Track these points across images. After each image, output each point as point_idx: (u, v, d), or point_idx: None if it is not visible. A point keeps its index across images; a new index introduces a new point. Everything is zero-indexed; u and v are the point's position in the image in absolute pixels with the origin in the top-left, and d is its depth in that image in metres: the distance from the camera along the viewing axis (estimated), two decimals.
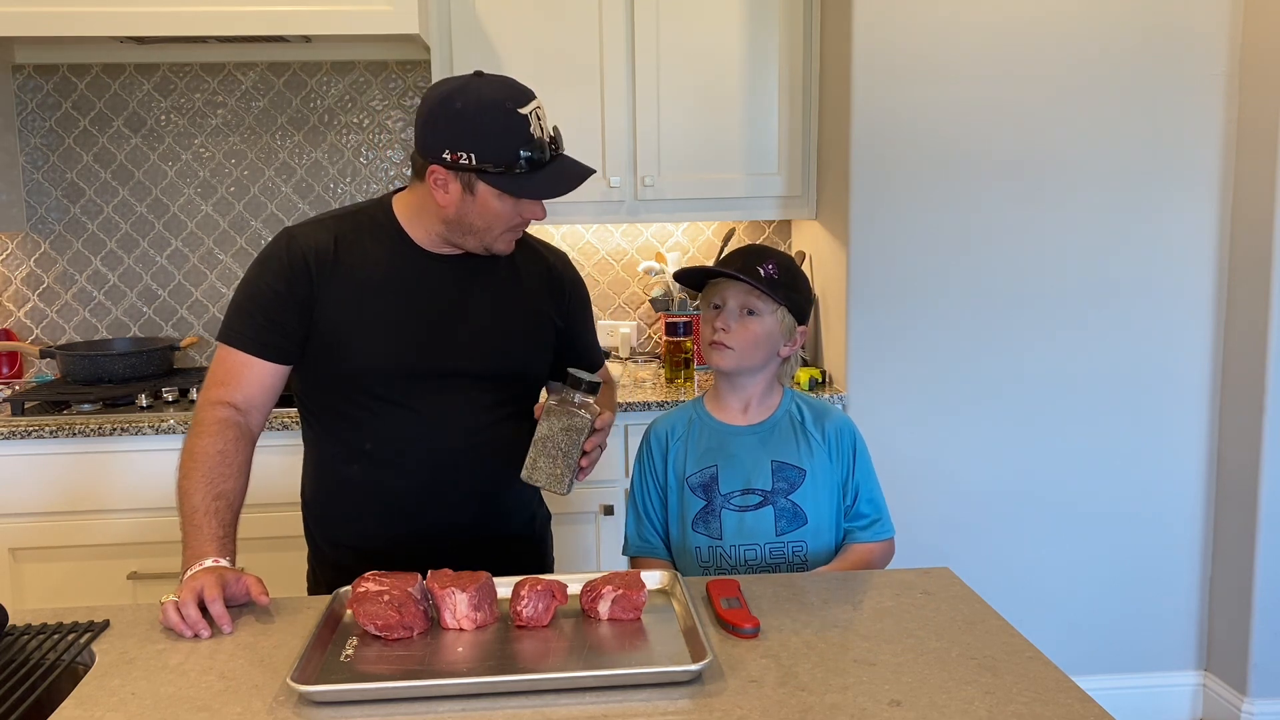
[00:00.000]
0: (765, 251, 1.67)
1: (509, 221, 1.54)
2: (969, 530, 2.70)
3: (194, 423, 1.53)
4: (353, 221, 1.61)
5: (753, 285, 1.61)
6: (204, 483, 1.46)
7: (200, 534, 1.42)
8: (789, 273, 1.66)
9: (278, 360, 1.56)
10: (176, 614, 1.31)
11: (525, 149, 1.48)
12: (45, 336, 2.99)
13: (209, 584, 1.33)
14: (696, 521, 1.69)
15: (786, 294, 1.64)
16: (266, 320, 1.55)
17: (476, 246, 1.58)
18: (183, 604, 1.32)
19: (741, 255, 1.68)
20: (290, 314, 1.55)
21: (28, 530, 2.44)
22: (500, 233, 1.56)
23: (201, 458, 1.48)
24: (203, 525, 1.43)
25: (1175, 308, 2.67)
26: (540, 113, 1.52)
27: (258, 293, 1.56)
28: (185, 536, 1.43)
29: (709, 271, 1.70)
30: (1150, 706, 2.77)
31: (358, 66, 2.96)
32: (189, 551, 1.41)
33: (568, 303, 1.72)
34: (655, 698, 1.14)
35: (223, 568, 1.39)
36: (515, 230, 1.58)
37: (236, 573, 1.38)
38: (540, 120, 1.51)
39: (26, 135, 2.92)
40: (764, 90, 2.79)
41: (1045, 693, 1.15)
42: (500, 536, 1.67)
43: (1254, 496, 2.60)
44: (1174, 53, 2.58)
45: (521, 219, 1.55)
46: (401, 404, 1.57)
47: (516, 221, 1.55)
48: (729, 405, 1.72)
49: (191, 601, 1.32)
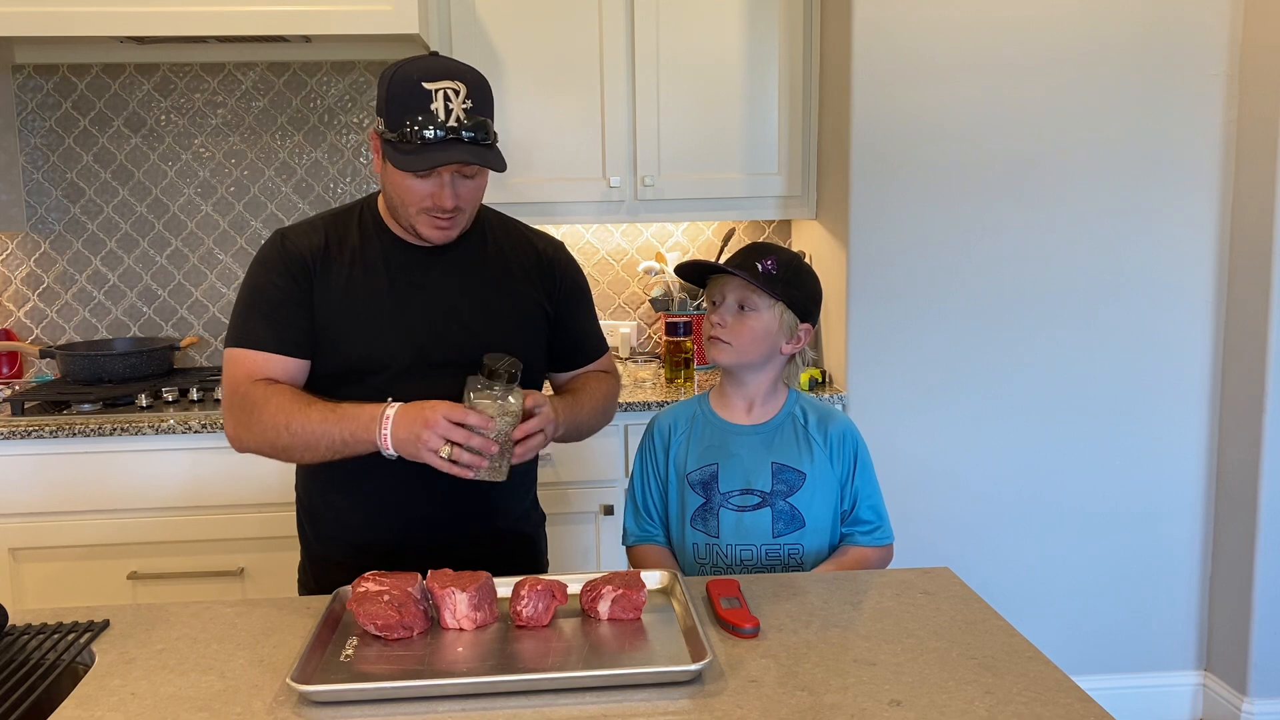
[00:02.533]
0: (768, 249, 1.68)
1: (418, 201, 1.52)
2: (969, 530, 2.70)
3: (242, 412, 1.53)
4: (341, 220, 1.64)
5: (748, 280, 1.62)
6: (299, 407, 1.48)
7: (357, 410, 1.46)
8: (790, 269, 1.66)
9: (295, 355, 1.57)
10: (460, 450, 1.39)
11: (413, 121, 1.47)
12: (45, 336, 2.99)
13: (438, 411, 1.40)
14: (694, 518, 1.69)
15: (785, 290, 1.64)
16: (277, 317, 1.56)
17: (408, 228, 1.57)
18: (459, 435, 1.39)
19: (744, 252, 1.69)
20: (297, 309, 1.57)
21: (28, 530, 2.43)
22: (415, 212, 1.54)
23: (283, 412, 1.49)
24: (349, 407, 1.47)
25: (1175, 307, 2.67)
26: (451, 93, 1.49)
27: (263, 292, 1.57)
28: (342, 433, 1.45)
29: (706, 266, 1.71)
30: (1150, 706, 2.77)
31: (358, 66, 2.96)
32: (366, 415, 1.45)
33: (559, 290, 1.70)
34: (655, 698, 1.14)
35: (413, 401, 1.45)
36: (432, 215, 1.54)
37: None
38: (448, 101, 1.48)
39: (26, 135, 2.92)
40: (764, 90, 2.79)
41: (1045, 693, 1.15)
42: (489, 532, 1.66)
43: (1254, 496, 2.60)
44: (1174, 52, 2.58)
45: (432, 202, 1.52)
46: (388, 391, 1.56)
47: (427, 204, 1.52)
48: (733, 403, 1.73)
49: (451, 427, 1.39)
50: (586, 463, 2.55)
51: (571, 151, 2.77)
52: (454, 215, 1.55)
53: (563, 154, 2.77)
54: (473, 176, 1.55)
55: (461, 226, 1.60)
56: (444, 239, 1.58)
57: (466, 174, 1.53)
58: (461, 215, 1.57)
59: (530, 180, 2.76)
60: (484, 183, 1.59)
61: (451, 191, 1.52)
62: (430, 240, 1.58)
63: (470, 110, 1.49)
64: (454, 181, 1.52)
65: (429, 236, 1.57)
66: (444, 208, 1.52)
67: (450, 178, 1.51)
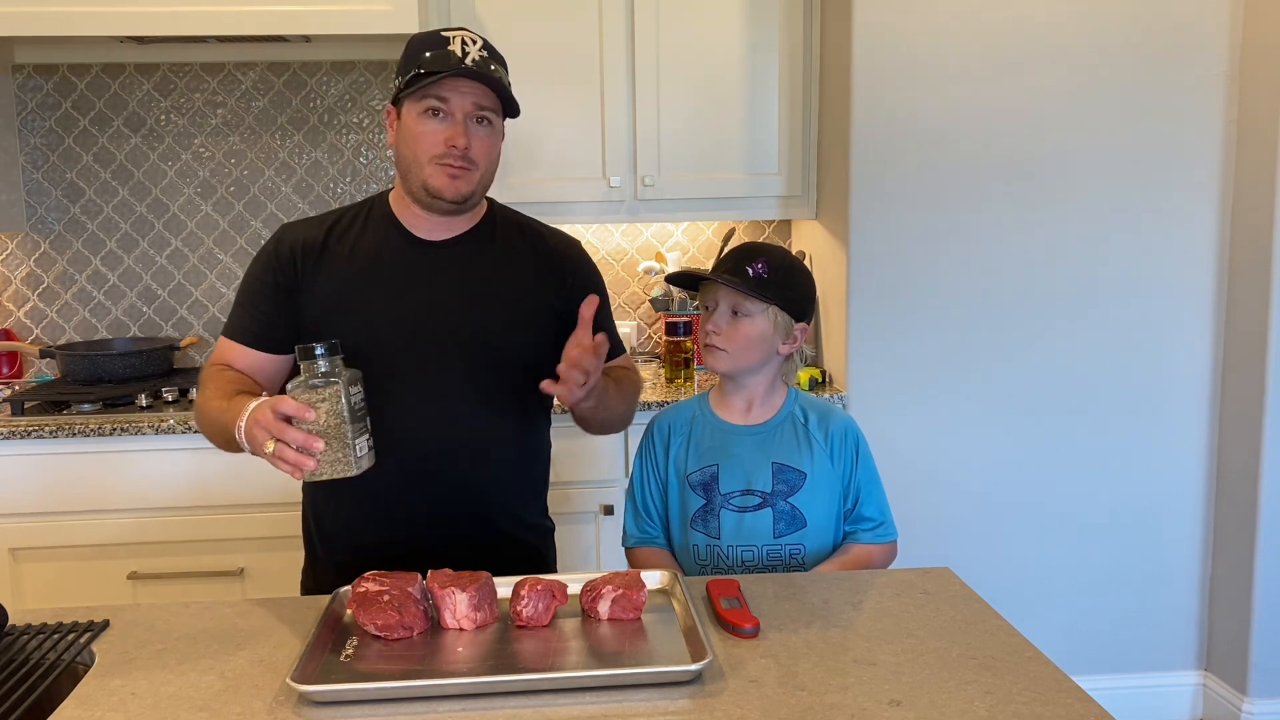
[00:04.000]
0: (758, 250, 1.66)
1: (431, 147, 1.52)
2: (969, 530, 2.70)
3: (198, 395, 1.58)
4: (349, 215, 1.66)
5: (739, 288, 1.61)
6: (220, 393, 1.48)
7: (235, 407, 1.39)
8: (780, 270, 1.65)
9: (265, 349, 1.61)
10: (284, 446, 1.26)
11: (432, 57, 1.49)
12: (45, 336, 2.99)
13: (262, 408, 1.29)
14: (695, 520, 1.69)
15: (777, 292, 1.63)
16: (255, 311, 1.61)
17: (420, 191, 1.56)
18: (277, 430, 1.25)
19: (734, 256, 1.67)
20: (276, 304, 1.60)
21: (28, 530, 2.43)
22: (427, 161, 1.53)
23: (209, 391, 1.52)
24: (232, 404, 1.41)
25: (1175, 307, 2.67)
26: (469, 40, 1.52)
27: (248, 286, 1.63)
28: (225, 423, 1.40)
29: (696, 275, 1.71)
30: (1150, 706, 2.77)
31: (358, 66, 2.96)
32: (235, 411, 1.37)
33: (569, 289, 1.67)
34: (655, 698, 1.14)
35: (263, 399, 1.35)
36: (444, 164, 1.53)
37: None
38: (465, 45, 1.51)
39: (26, 135, 2.92)
40: (764, 90, 2.79)
41: (1045, 693, 1.15)
42: (493, 534, 1.65)
43: (1254, 496, 2.60)
44: (1174, 53, 2.58)
45: (445, 147, 1.52)
46: (387, 389, 1.55)
47: (439, 149, 1.52)
48: (732, 404, 1.72)
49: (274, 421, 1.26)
50: (586, 463, 2.55)
51: (571, 151, 2.77)
52: (467, 165, 1.53)
53: (563, 154, 2.77)
54: (487, 126, 1.55)
55: (474, 184, 1.56)
56: (456, 192, 1.54)
57: (481, 122, 1.54)
58: (474, 171, 1.55)
59: (530, 180, 2.75)
60: (496, 142, 1.59)
61: (465, 131, 1.52)
62: (442, 193, 1.54)
63: (486, 58, 1.53)
64: (468, 125, 1.53)
65: (440, 188, 1.54)
66: (458, 147, 1.51)
67: (465, 121, 1.52)
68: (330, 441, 1.28)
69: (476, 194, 1.59)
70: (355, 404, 1.31)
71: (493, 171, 1.60)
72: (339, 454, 1.29)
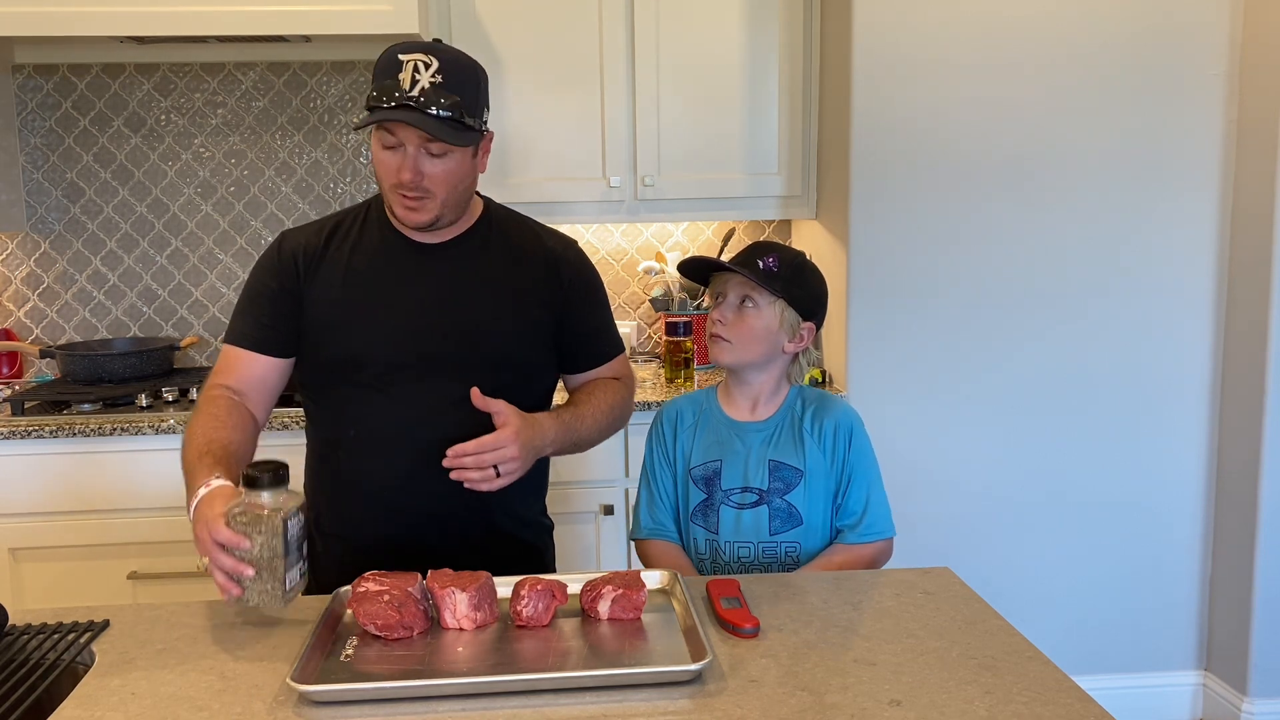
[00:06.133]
0: (772, 247, 1.69)
1: (387, 176, 1.51)
2: (969, 530, 2.70)
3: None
4: (348, 219, 1.66)
5: (748, 277, 1.62)
6: (198, 441, 1.45)
7: (195, 477, 1.38)
8: (791, 267, 1.66)
9: (270, 353, 1.61)
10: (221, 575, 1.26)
11: (379, 87, 1.46)
12: (45, 336, 2.99)
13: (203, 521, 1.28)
14: (695, 514, 1.70)
15: (786, 287, 1.64)
16: (258, 316, 1.61)
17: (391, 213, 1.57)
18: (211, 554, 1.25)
19: (747, 250, 1.69)
20: (279, 308, 1.60)
21: (28, 530, 2.43)
22: (389, 189, 1.53)
23: (195, 428, 1.49)
24: (197, 468, 1.39)
25: (1175, 306, 2.67)
26: (421, 65, 1.47)
27: (251, 291, 1.63)
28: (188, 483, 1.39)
29: (708, 263, 1.71)
30: (1150, 706, 2.77)
31: (358, 66, 2.96)
32: (190, 495, 1.37)
33: (566, 290, 1.67)
34: (655, 698, 1.14)
35: (214, 488, 1.34)
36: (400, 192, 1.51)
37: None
38: (416, 72, 1.47)
39: (26, 135, 2.92)
40: (764, 90, 2.79)
41: (1045, 693, 1.15)
42: (492, 533, 1.65)
43: (1254, 495, 2.60)
44: (1174, 52, 2.58)
45: (397, 177, 1.50)
46: (382, 390, 1.57)
47: (393, 179, 1.50)
48: (738, 401, 1.73)
49: (210, 544, 1.25)
50: (587, 463, 2.55)
51: (571, 151, 2.77)
52: (421, 196, 1.51)
53: (563, 154, 2.77)
54: (440, 156, 1.50)
55: (434, 212, 1.54)
56: (414, 221, 1.54)
57: (433, 152, 1.49)
58: (431, 199, 1.52)
59: (530, 180, 2.75)
60: (456, 168, 1.53)
61: (413, 166, 1.49)
62: (404, 221, 1.55)
63: (439, 85, 1.46)
64: (418, 157, 1.49)
65: (401, 217, 1.55)
66: (404, 182, 1.49)
67: (414, 152, 1.49)
68: (261, 572, 1.26)
69: (443, 217, 1.57)
70: (292, 536, 1.28)
71: (462, 191, 1.57)
72: (268, 585, 1.27)
